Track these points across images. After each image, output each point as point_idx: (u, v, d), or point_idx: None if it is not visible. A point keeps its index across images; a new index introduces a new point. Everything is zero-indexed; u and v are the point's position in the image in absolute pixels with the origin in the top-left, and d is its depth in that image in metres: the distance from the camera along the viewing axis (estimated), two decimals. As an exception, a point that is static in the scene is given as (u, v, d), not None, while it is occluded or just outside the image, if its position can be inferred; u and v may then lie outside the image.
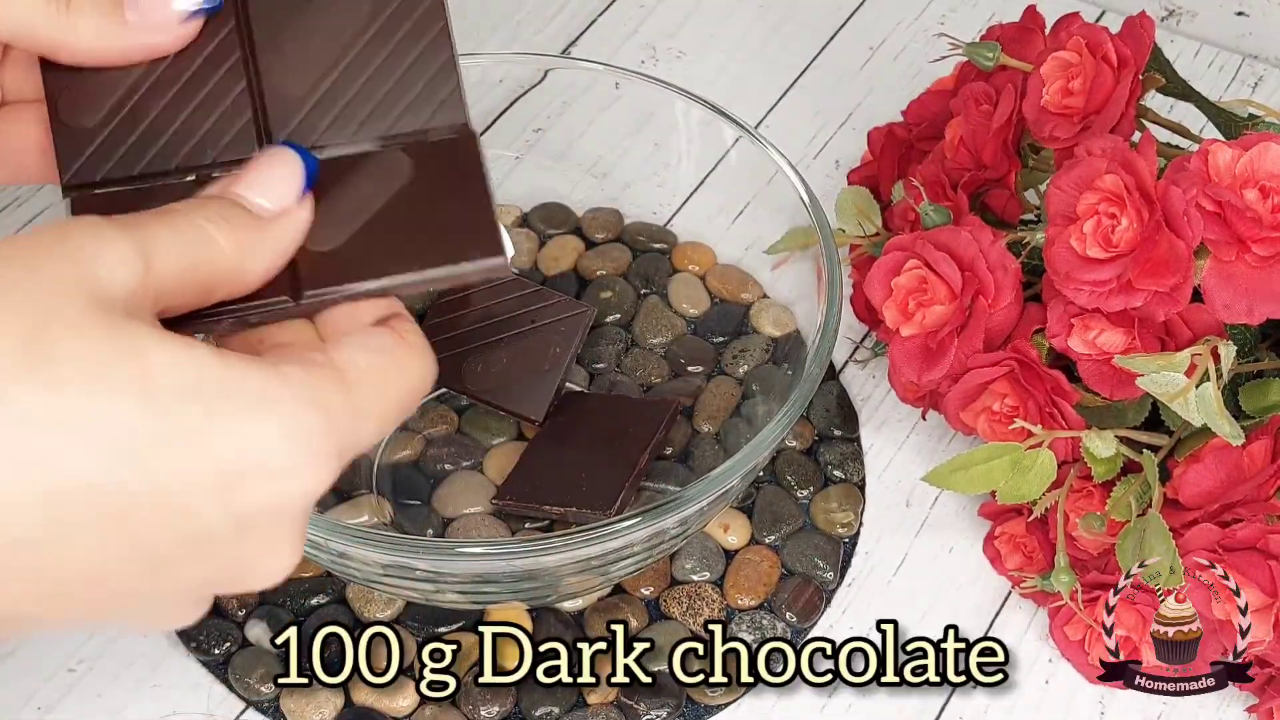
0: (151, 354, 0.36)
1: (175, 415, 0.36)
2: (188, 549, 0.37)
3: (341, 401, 0.39)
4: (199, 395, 0.36)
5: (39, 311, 0.35)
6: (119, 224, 0.38)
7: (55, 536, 0.35)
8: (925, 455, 0.71)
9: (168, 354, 0.36)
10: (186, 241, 0.39)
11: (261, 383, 0.38)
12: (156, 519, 0.36)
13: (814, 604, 0.65)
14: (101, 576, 0.37)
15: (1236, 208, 0.55)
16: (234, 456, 0.37)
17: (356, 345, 0.41)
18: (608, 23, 0.89)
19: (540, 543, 0.56)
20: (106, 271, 0.37)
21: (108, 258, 0.37)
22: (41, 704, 0.62)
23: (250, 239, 0.41)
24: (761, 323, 0.72)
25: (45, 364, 0.35)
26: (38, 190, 0.79)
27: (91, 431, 0.35)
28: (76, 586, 0.37)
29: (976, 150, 0.66)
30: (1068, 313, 0.59)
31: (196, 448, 0.36)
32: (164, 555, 0.37)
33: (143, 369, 0.36)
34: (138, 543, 0.37)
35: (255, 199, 0.42)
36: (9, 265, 0.36)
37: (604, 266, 0.75)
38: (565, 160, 0.78)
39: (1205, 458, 0.58)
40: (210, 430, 0.36)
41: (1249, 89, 0.87)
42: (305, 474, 0.38)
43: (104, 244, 0.37)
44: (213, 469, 0.37)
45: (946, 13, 0.90)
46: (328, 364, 0.40)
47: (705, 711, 0.62)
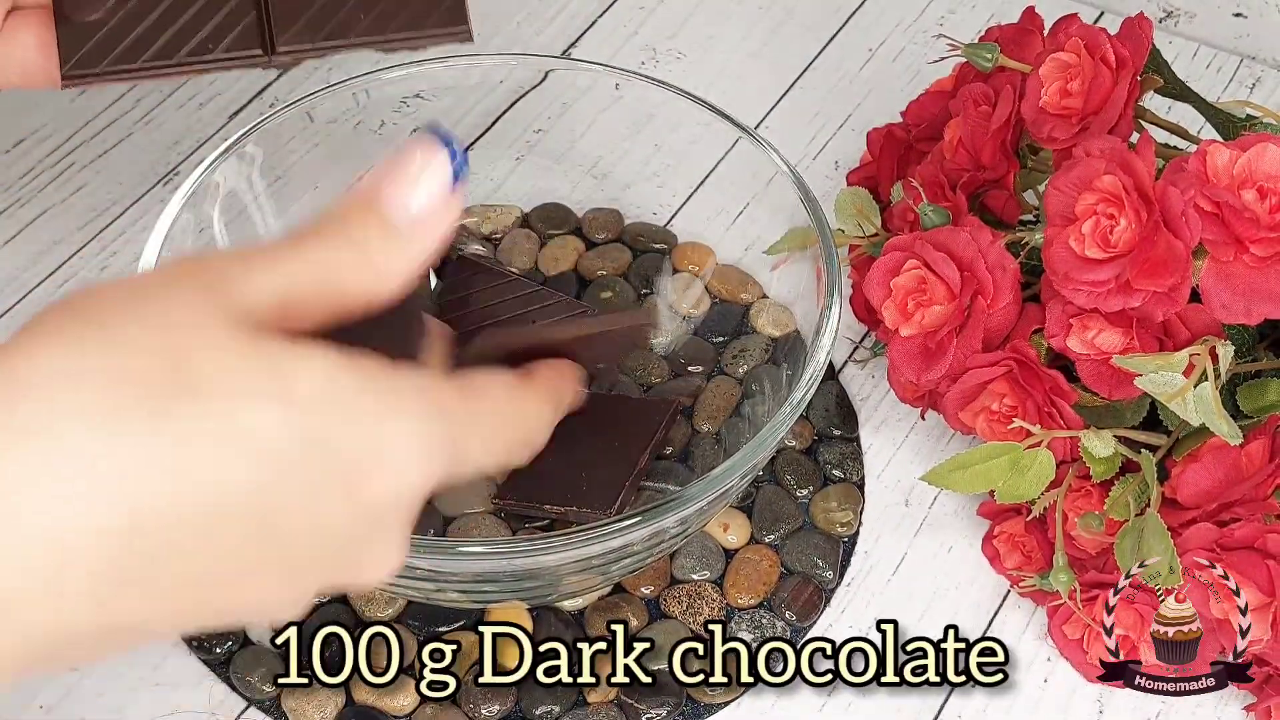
0: (286, 362, 0.37)
1: (314, 420, 0.37)
2: (317, 549, 0.39)
3: (462, 409, 0.41)
4: (335, 400, 0.38)
5: (182, 333, 0.36)
6: (256, 261, 0.39)
7: (207, 548, 0.36)
8: (924, 455, 0.71)
9: (302, 361, 0.37)
10: (323, 277, 0.40)
11: (391, 384, 0.39)
12: (299, 522, 0.38)
13: (813, 603, 0.65)
14: (243, 582, 0.38)
15: (1234, 208, 0.55)
16: (363, 453, 0.38)
17: (486, 374, 0.43)
18: (608, 24, 0.90)
19: (540, 542, 0.56)
20: (244, 300, 0.38)
21: (247, 289, 0.38)
22: (44, 702, 0.62)
23: (388, 260, 0.41)
24: (761, 323, 0.73)
25: (192, 382, 0.36)
26: (39, 191, 0.80)
27: (242, 444, 0.36)
28: (216, 593, 0.38)
29: (975, 151, 0.67)
30: (1066, 313, 0.59)
31: (334, 449, 0.38)
32: (300, 559, 0.38)
33: (282, 380, 0.37)
34: (281, 549, 0.38)
35: (406, 204, 0.41)
36: (152, 291, 0.37)
37: (604, 267, 0.75)
38: (565, 161, 0.78)
39: (1203, 457, 0.58)
40: (344, 430, 0.38)
41: (1247, 90, 0.87)
42: (419, 468, 0.39)
43: (245, 278, 0.38)
44: (344, 466, 0.38)
45: (945, 14, 0.91)
46: (456, 379, 0.41)
47: (705, 711, 0.62)
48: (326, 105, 0.69)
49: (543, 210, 0.77)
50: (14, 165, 0.81)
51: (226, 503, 0.36)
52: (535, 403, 0.45)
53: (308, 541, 0.38)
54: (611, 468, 0.64)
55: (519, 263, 0.75)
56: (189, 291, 0.37)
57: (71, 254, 0.77)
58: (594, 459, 0.64)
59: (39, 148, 0.82)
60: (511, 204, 0.77)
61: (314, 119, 0.68)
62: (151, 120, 0.83)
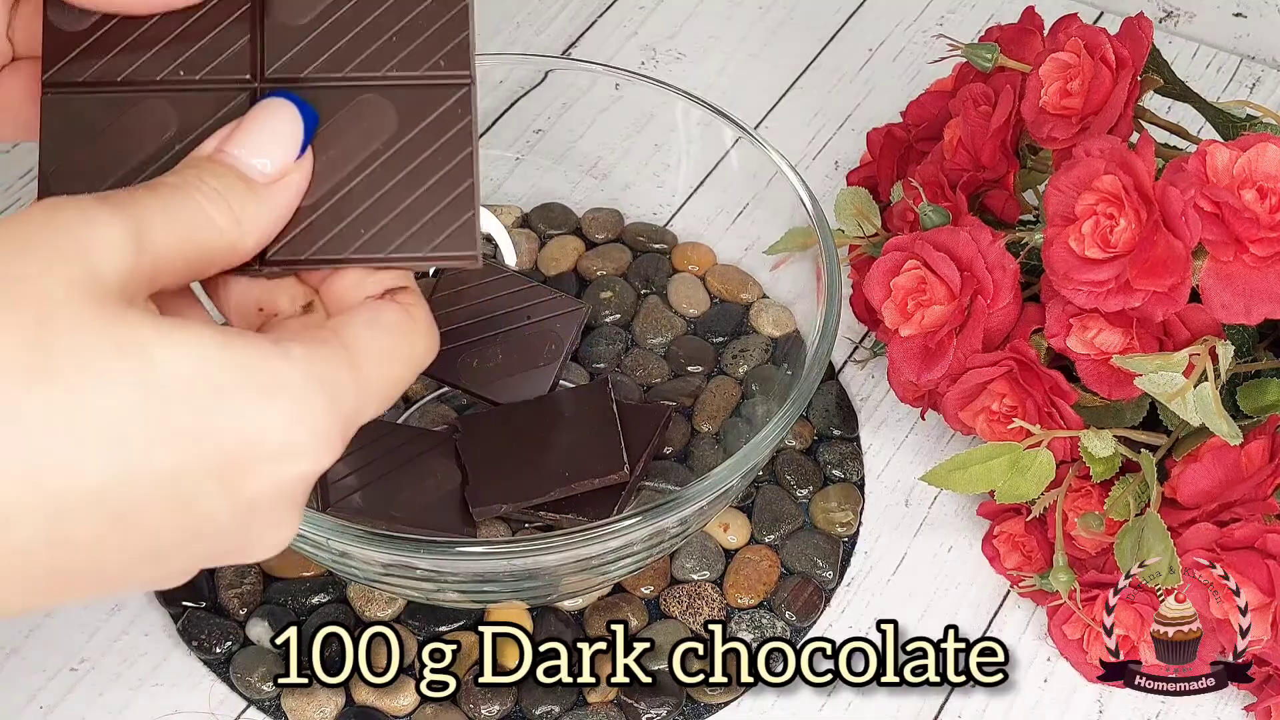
0: (152, 345, 0.36)
1: (179, 409, 0.36)
2: (190, 537, 0.37)
3: (349, 380, 0.39)
4: (202, 385, 0.36)
5: (37, 308, 0.35)
6: (110, 203, 0.37)
7: (62, 540, 0.35)
8: (924, 455, 0.71)
9: (168, 344, 0.36)
10: (180, 220, 0.38)
11: (267, 366, 0.37)
12: (162, 514, 0.36)
13: (813, 603, 0.65)
14: (106, 571, 0.37)
15: (1234, 208, 0.55)
16: (239, 444, 0.37)
17: (364, 322, 0.40)
18: (608, 24, 0.90)
19: (540, 542, 0.56)
20: (99, 258, 0.36)
21: (100, 242, 0.36)
22: (44, 703, 0.62)
23: (246, 209, 0.40)
24: (761, 323, 0.73)
25: (47, 366, 0.34)
26: (39, 191, 0.80)
27: (97, 434, 0.35)
28: (79, 582, 0.37)
29: (975, 151, 0.67)
30: (1066, 313, 0.59)
31: (202, 439, 0.36)
32: (167, 545, 0.37)
33: (143, 362, 0.35)
34: (144, 538, 0.36)
35: (252, 160, 0.41)
36: (3, 255, 0.35)
37: (604, 267, 0.75)
38: (565, 161, 0.78)
39: (1203, 457, 0.58)
40: (215, 420, 0.36)
41: (1247, 90, 0.87)
42: (311, 456, 0.38)
43: (95, 226, 0.36)
44: (218, 459, 0.36)
45: (945, 14, 0.91)
46: (335, 342, 0.39)
47: (705, 711, 0.62)
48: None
49: (543, 210, 0.77)
50: (14, 165, 0.81)
51: (80, 499, 0.35)
52: (420, 334, 0.42)
53: (177, 532, 0.37)
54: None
55: (521, 263, 0.75)
56: (45, 258, 0.35)
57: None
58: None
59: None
60: (511, 203, 0.77)
61: (314, 119, 0.68)
62: (151, 120, 0.83)
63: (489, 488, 0.64)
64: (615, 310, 0.73)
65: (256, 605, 0.64)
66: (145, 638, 0.64)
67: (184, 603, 0.64)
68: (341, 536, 0.56)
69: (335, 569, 0.62)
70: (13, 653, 0.63)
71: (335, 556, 0.59)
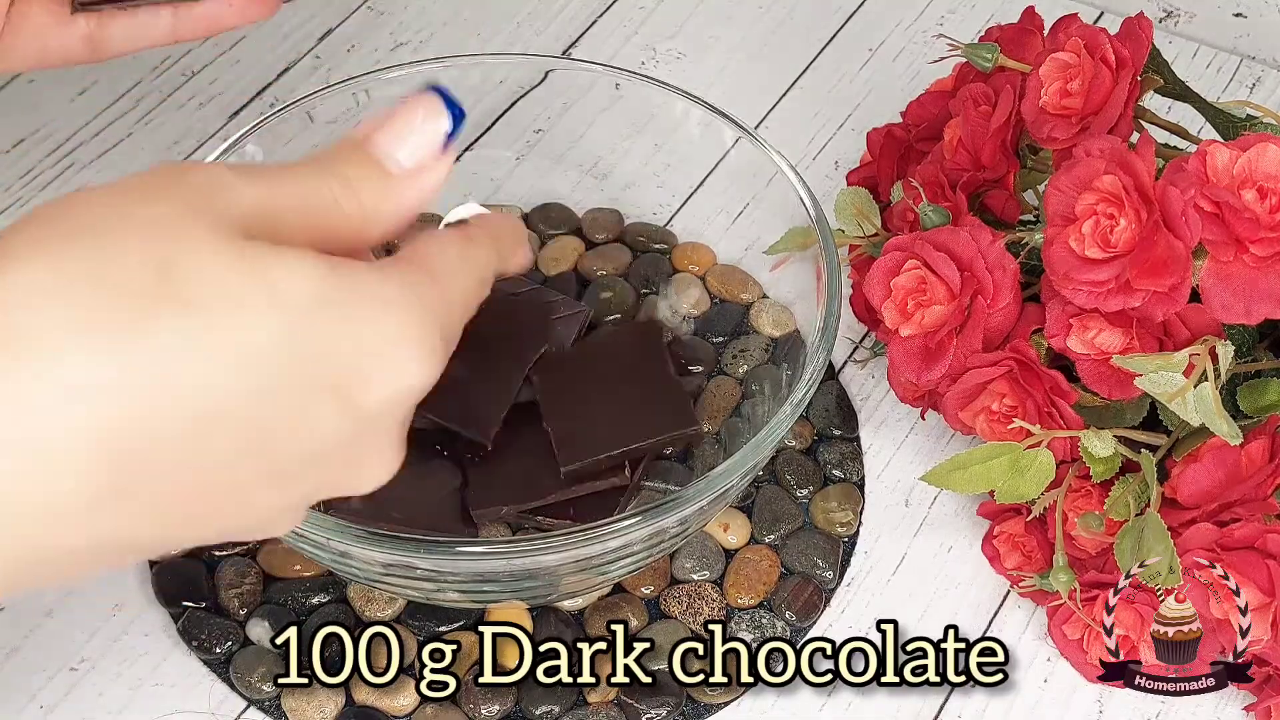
0: (272, 268, 0.37)
1: (305, 325, 0.37)
2: (309, 459, 0.39)
3: (437, 294, 0.41)
4: (320, 301, 0.37)
5: (170, 239, 0.36)
6: (242, 172, 0.39)
7: (200, 456, 0.36)
8: (924, 455, 0.71)
9: (287, 266, 0.37)
10: (308, 202, 0.40)
11: (372, 284, 0.39)
12: (293, 430, 0.38)
13: (813, 603, 0.65)
14: (234, 495, 0.38)
15: (1234, 208, 0.55)
16: (357, 356, 0.38)
17: (433, 244, 0.42)
18: (608, 24, 0.90)
19: (540, 542, 0.56)
20: (227, 202, 0.38)
21: (229, 199, 0.38)
22: (44, 702, 0.62)
23: (376, 202, 0.41)
24: (761, 323, 0.73)
25: (179, 290, 0.36)
26: (39, 191, 0.80)
27: (228, 350, 0.36)
28: (206, 506, 0.38)
29: (975, 151, 0.67)
30: (1066, 313, 0.59)
31: (328, 354, 0.38)
32: (296, 464, 0.38)
33: (269, 287, 0.37)
34: (276, 455, 0.38)
35: (395, 153, 0.42)
36: (140, 198, 0.37)
37: (604, 267, 0.75)
38: (565, 161, 0.78)
39: (1203, 457, 0.58)
40: (334, 333, 0.38)
41: (1247, 90, 0.87)
42: (421, 366, 0.39)
43: (225, 186, 0.38)
44: (339, 371, 0.38)
45: (945, 14, 0.91)
46: (417, 262, 0.41)
47: (705, 711, 0.62)
48: (326, 105, 0.69)
49: (543, 210, 0.77)
50: (14, 165, 0.81)
51: (214, 413, 0.36)
52: (481, 246, 0.44)
53: (302, 450, 0.38)
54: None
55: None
56: (175, 198, 0.37)
57: (71, 254, 0.77)
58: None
59: (39, 148, 0.82)
60: (512, 204, 0.77)
61: (314, 119, 0.68)
62: (151, 120, 0.83)
63: (489, 490, 0.64)
64: (615, 310, 0.73)
65: (256, 605, 0.64)
66: (145, 638, 0.64)
67: (184, 603, 0.64)
68: (341, 536, 0.56)
69: (335, 569, 0.62)
70: (13, 653, 0.63)
71: (335, 556, 0.59)
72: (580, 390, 0.66)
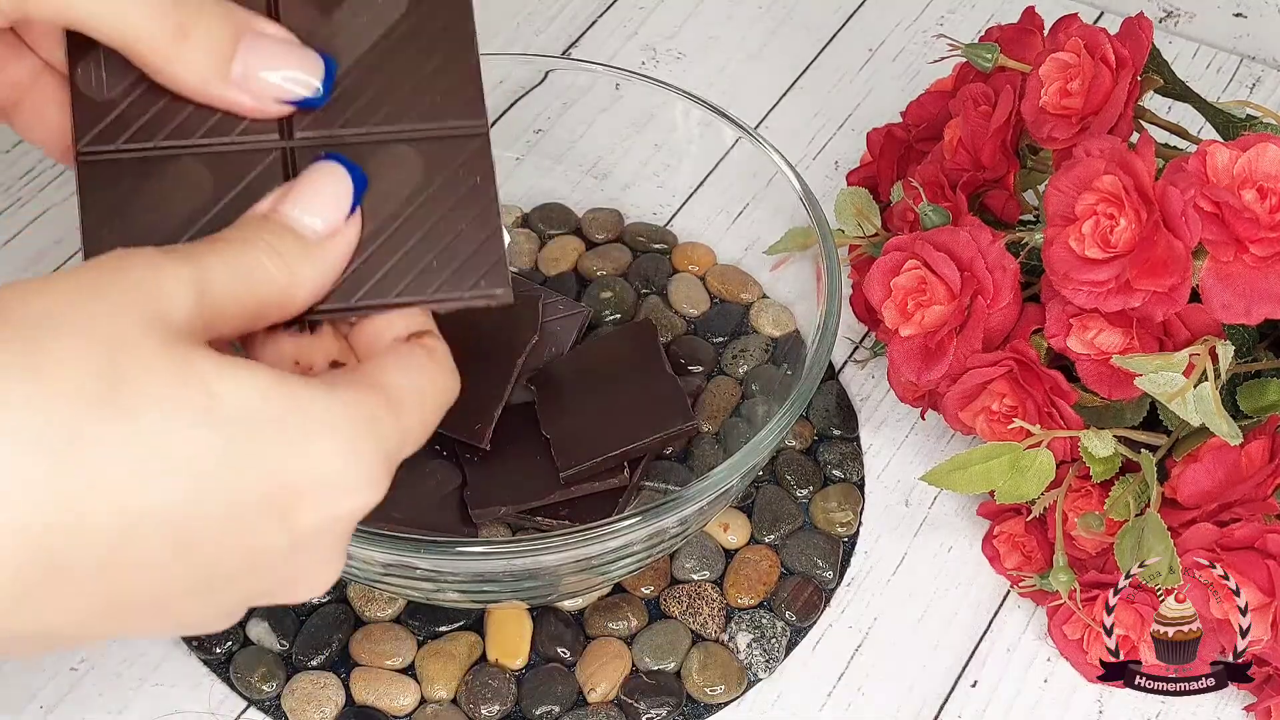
0: (215, 381, 0.37)
1: (243, 440, 0.37)
2: (245, 569, 0.39)
3: (391, 422, 0.41)
4: (265, 419, 0.38)
5: (110, 344, 0.36)
6: (174, 255, 0.39)
7: (126, 561, 0.36)
8: (924, 455, 0.71)
9: (230, 380, 0.37)
10: (240, 273, 0.40)
11: (322, 406, 0.39)
12: (222, 542, 0.38)
13: (813, 603, 0.65)
14: (162, 597, 0.38)
15: (1234, 208, 0.55)
16: (297, 476, 0.38)
17: (396, 367, 0.42)
18: (608, 24, 0.90)
19: (540, 542, 0.56)
20: (166, 303, 0.38)
21: (167, 289, 0.38)
22: (44, 703, 0.62)
23: (300, 266, 0.42)
24: (761, 323, 0.73)
25: (120, 395, 0.36)
26: (39, 191, 0.80)
27: (164, 460, 0.36)
28: (134, 607, 0.38)
29: (975, 151, 0.67)
30: (1066, 313, 0.59)
31: (263, 470, 0.38)
32: (223, 576, 0.38)
33: (207, 395, 0.37)
34: (203, 565, 0.38)
35: (305, 219, 0.42)
36: (76, 298, 0.37)
37: (604, 267, 0.75)
38: (565, 161, 0.78)
39: (1203, 457, 0.58)
40: (274, 451, 0.38)
41: (1247, 90, 0.87)
42: (361, 492, 0.40)
43: (162, 275, 0.38)
44: (277, 489, 0.38)
45: (945, 14, 0.91)
46: (375, 387, 0.41)
47: (705, 711, 0.62)
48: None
49: (543, 210, 0.77)
50: (14, 165, 0.81)
51: (143, 522, 0.36)
52: (444, 373, 0.44)
53: (233, 562, 0.38)
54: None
55: (519, 263, 0.75)
56: (114, 297, 0.37)
57: (72, 254, 0.77)
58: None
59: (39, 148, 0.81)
60: (512, 204, 0.77)
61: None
62: (151, 120, 0.83)
63: (488, 490, 0.64)
64: (615, 310, 0.73)
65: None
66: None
67: (184, 603, 0.64)
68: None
69: (335, 569, 0.62)
70: (13, 653, 0.63)
71: (335, 556, 0.59)
72: (576, 395, 0.66)
